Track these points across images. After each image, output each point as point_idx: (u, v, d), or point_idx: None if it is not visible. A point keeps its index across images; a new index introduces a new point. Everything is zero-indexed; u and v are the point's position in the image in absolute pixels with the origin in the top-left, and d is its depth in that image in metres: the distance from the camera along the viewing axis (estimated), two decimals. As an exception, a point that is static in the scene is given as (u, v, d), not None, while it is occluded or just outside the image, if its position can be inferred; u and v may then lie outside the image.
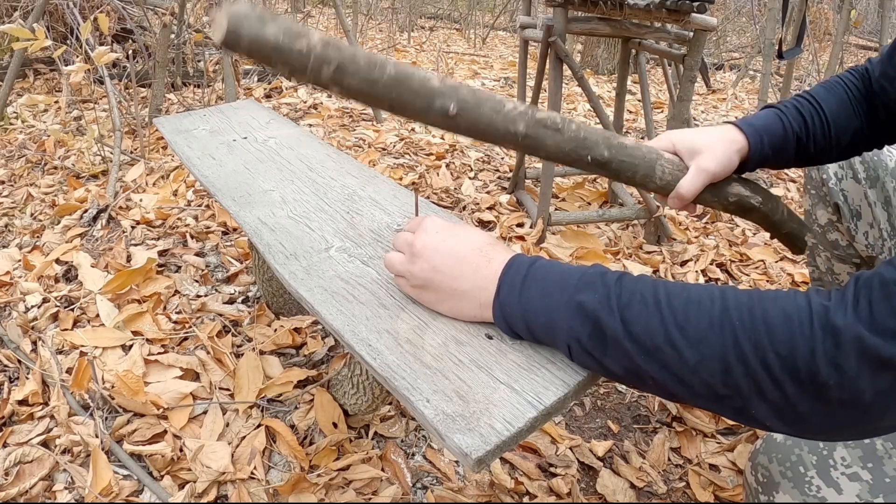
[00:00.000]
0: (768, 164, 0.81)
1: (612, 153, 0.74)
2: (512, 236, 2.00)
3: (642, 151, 0.77)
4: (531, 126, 0.70)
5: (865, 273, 0.49)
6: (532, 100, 2.06)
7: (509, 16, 7.72)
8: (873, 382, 0.45)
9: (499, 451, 0.54)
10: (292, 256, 0.86)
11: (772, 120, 0.81)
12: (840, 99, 0.83)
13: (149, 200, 2.08)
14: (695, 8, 1.67)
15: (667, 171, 0.77)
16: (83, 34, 2.10)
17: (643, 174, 0.77)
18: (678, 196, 0.77)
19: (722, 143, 0.77)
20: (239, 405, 1.24)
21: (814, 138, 0.81)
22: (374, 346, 0.66)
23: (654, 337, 0.52)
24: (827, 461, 0.62)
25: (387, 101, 0.65)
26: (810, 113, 0.81)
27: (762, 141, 0.78)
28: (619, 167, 0.75)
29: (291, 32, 0.59)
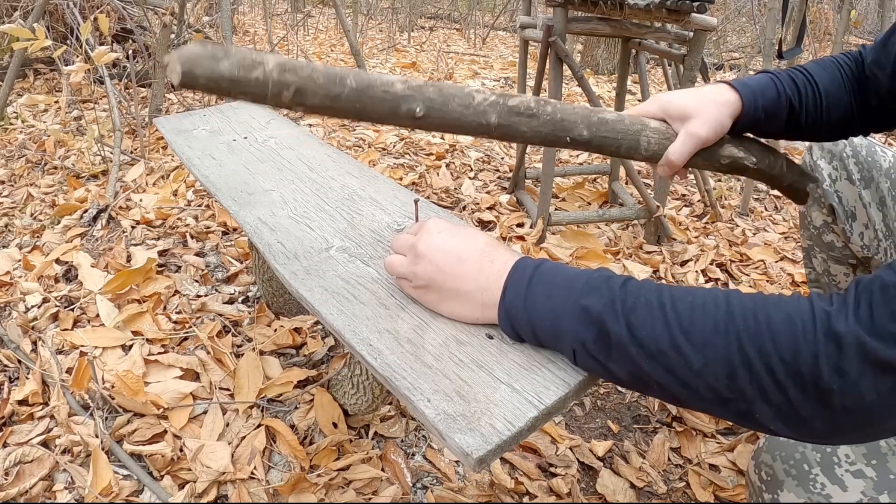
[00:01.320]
0: (759, 127, 0.79)
1: (592, 131, 0.73)
2: (512, 236, 2.00)
3: (625, 124, 0.75)
4: (503, 115, 0.69)
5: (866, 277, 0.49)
6: (532, 100, 2.06)
7: (509, 16, 7.72)
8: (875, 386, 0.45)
9: (500, 450, 0.54)
10: (293, 256, 0.86)
11: (766, 82, 0.79)
12: (833, 76, 0.82)
13: (149, 200, 2.08)
14: (695, 8, 1.67)
15: (652, 142, 0.76)
16: (83, 34, 2.10)
17: (627, 147, 0.75)
18: (667, 163, 0.76)
19: (714, 105, 0.74)
20: (239, 405, 1.24)
21: (805, 108, 0.80)
22: (375, 346, 0.66)
23: (658, 341, 0.52)
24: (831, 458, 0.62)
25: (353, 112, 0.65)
26: (804, 83, 0.80)
27: (755, 102, 0.76)
28: (601, 143, 0.74)
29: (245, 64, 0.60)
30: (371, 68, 4.42)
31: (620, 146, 0.75)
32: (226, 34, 2.56)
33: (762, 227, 2.26)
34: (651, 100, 0.79)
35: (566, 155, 2.89)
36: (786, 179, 0.84)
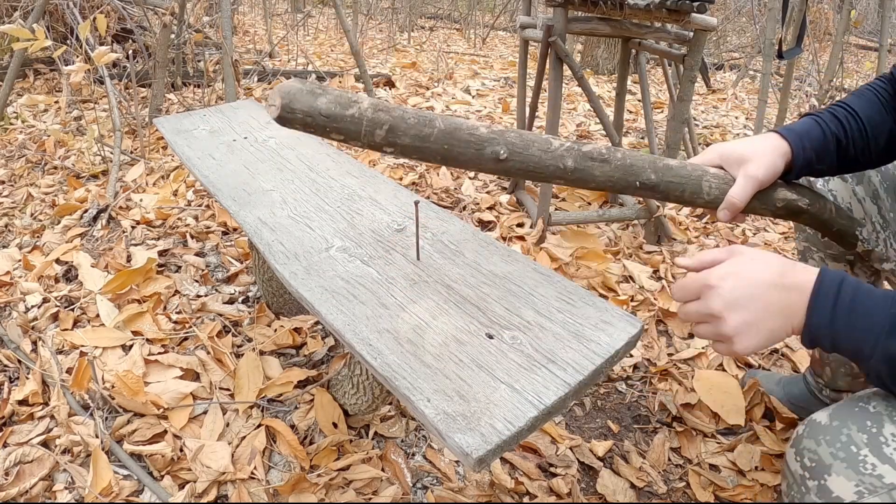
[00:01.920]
0: (812, 168, 0.83)
1: (659, 176, 0.76)
2: (512, 236, 2.00)
3: (687, 170, 0.79)
4: (579, 160, 0.72)
5: None
6: (532, 100, 2.06)
7: (509, 16, 7.72)
8: None
9: (500, 450, 0.54)
10: (292, 256, 0.86)
11: (810, 125, 0.83)
12: (871, 102, 0.86)
13: (149, 200, 2.08)
14: (695, 8, 1.66)
15: (713, 186, 0.79)
16: (83, 34, 2.10)
17: (691, 192, 0.78)
18: (729, 206, 0.79)
19: (767, 150, 0.79)
20: (239, 405, 1.24)
21: (852, 140, 0.83)
22: (375, 346, 0.66)
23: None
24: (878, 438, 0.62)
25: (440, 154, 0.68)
26: (845, 117, 0.84)
27: (804, 145, 0.80)
28: (667, 188, 0.77)
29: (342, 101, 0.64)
30: (371, 68, 4.42)
31: (685, 191, 0.78)
32: (226, 34, 2.56)
33: (762, 227, 2.26)
34: (709, 149, 0.83)
35: (566, 155, 2.88)
36: (836, 224, 0.87)
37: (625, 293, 1.72)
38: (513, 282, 0.80)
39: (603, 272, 1.79)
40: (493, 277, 0.81)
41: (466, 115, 3.41)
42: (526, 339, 0.68)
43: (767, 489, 1.15)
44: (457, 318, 0.71)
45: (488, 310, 0.73)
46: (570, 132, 3.22)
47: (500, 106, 3.64)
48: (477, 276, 0.81)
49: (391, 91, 3.82)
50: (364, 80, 3.13)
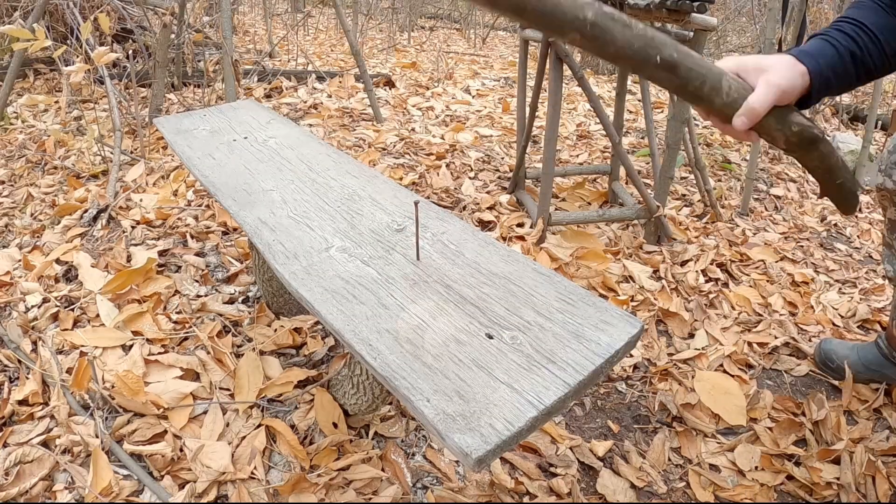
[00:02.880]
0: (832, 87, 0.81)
1: (681, 57, 0.70)
2: (512, 236, 2.00)
3: (708, 64, 0.73)
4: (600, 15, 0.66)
5: None
6: (532, 100, 2.06)
7: (509, 16, 7.70)
8: None
9: (499, 450, 0.54)
10: (292, 256, 0.86)
11: (822, 45, 0.81)
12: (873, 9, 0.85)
13: (149, 200, 2.08)
14: (695, 8, 1.66)
15: (733, 88, 0.74)
16: (83, 34, 2.10)
17: (711, 86, 0.73)
18: (748, 111, 0.74)
19: (786, 64, 0.76)
20: (239, 405, 1.24)
21: (867, 51, 0.81)
22: (375, 346, 0.66)
23: None
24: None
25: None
26: (853, 30, 0.82)
27: (820, 66, 0.78)
28: (688, 74, 0.71)
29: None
30: (371, 68, 4.42)
31: (704, 83, 0.72)
32: (226, 34, 2.56)
33: (762, 227, 2.26)
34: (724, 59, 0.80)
35: (566, 155, 2.89)
36: (840, 174, 0.82)
37: (625, 293, 1.72)
38: (513, 282, 0.80)
39: (603, 272, 1.79)
40: (493, 277, 0.81)
41: (466, 115, 3.41)
42: (526, 340, 0.68)
43: (767, 489, 1.15)
44: (456, 319, 0.71)
45: (488, 310, 0.73)
46: (571, 132, 3.22)
47: (500, 106, 3.64)
48: (477, 276, 0.81)
49: (391, 91, 3.82)
50: (364, 80, 3.13)
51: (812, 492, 1.15)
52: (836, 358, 1.45)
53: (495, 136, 3.05)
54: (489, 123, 3.28)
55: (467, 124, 3.22)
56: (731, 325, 1.64)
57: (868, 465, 1.19)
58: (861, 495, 1.15)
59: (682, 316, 1.63)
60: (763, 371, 1.49)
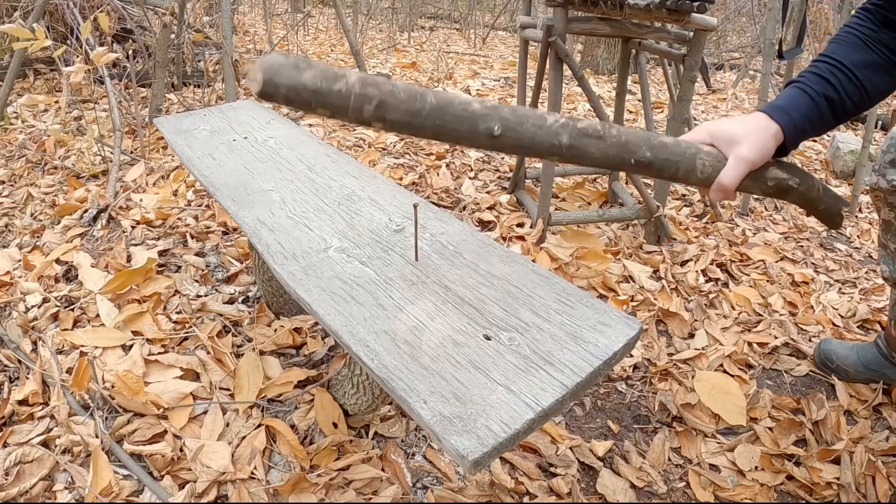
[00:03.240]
0: (809, 134, 0.83)
1: (654, 153, 0.75)
2: (512, 236, 2.00)
3: (682, 147, 0.78)
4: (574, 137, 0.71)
5: None
6: (532, 100, 2.06)
7: (509, 16, 7.72)
8: None
9: (496, 452, 0.54)
10: (291, 256, 0.86)
11: (795, 94, 0.83)
12: (853, 44, 0.85)
13: (149, 200, 2.08)
14: (695, 8, 1.66)
15: (707, 164, 0.79)
16: (83, 34, 2.10)
17: (685, 170, 0.78)
18: (720, 188, 0.79)
19: (757, 131, 0.79)
20: (239, 405, 1.24)
21: (845, 92, 0.83)
22: (372, 347, 0.66)
23: None
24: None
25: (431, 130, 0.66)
26: (830, 72, 0.83)
27: (792, 118, 0.81)
28: (662, 166, 0.77)
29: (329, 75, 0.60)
30: (371, 68, 4.42)
31: (679, 168, 0.78)
32: (226, 34, 2.56)
33: (762, 227, 2.26)
34: (698, 128, 0.83)
35: (566, 154, 2.88)
36: (823, 202, 0.88)
37: (625, 293, 1.72)
38: (511, 283, 0.80)
39: (603, 272, 1.79)
40: (492, 278, 0.81)
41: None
42: (523, 341, 0.68)
43: (767, 489, 1.15)
44: (454, 320, 0.71)
45: (486, 311, 0.73)
46: (571, 132, 3.22)
47: (501, 105, 3.63)
48: (475, 277, 0.81)
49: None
50: (364, 80, 3.13)
51: (812, 492, 1.15)
52: (835, 358, 1.45)
53: (495, 135, 3.05)
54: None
55: (467, 124, 3.21)
56: (731, 325, 1.64)
57: (868, 465, 1.19)
58: (861, 495, 1.15)
59: (682, 316, 1.63)
60: (763, 371, 1.49)
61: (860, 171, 2.47)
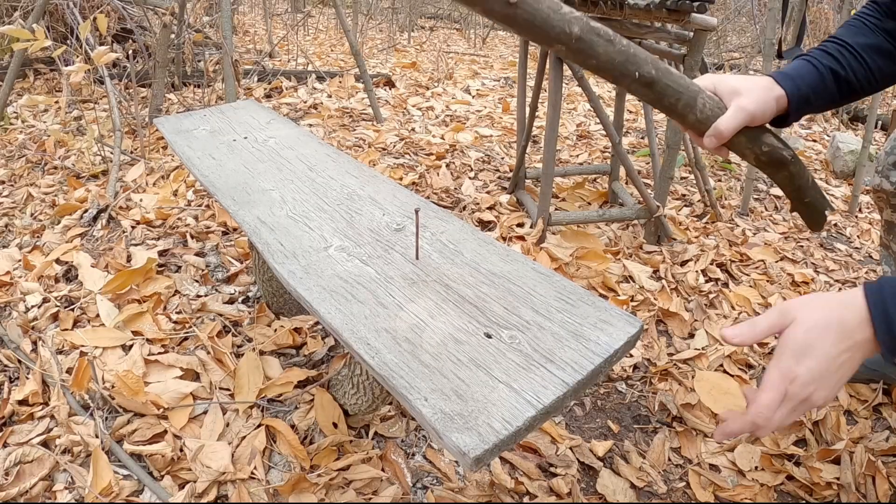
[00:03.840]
0: (812, 106, 0.83)
1: (659, 74, 0.74)
2: (512, 236, 2.00)
3: (686, 81, 0.76)
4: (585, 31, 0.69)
5: None
6: (532, 100, 2.06)
7: (509, 16, 7.70)
8: None
9: (497, 450, 0.54)
10: (291, 255, 0.86)
11: (801, 65, 0.83)
12: (859, 28, 0.87)
13: (149, 200, 2.08)
14: (695, 8, 1.66)
15: (707, 106, 0.77)
16: (83, 34, 2.10)
17: (685, 103, 0.76)
18: (716, 133, 0.77)
19: (761, 87, 0.78)
20: (239, 405, 1.24)
21: (851, 70, 0.84)
22: (373, 345, 0.66)
23: None
24: None
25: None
26: (837, 50, 0.84)
27: (798, 85, 0.80)
28: (664, 90, 0.75)
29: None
30: (371, 68, 4.42)
31: (680, 99, 0.76)
32: (226, 34, 2.56)
33: (762, 227, 2.26)
34: (703, 77, 0.82)
35: (566, 155, 2.88)
36: (809, 194, 0.86)
37: (625, 293, 1.72)
38: (512, 281, 0.80)
39: (603, 272, 1.79)
40: (492, 277, 0.81)
41: (466, 115, 3.41)
42: (524, 339, 0.68)
43: (767, 489, 1.15)
44: (455, 318, 0.71)
45: (487, 309, 0.73)
46: (571, 132, 3.22)
47: (500, 106, 3.64)
48: (476, 275, 0.81)
49: (391, 91, 3.82)
50: (364, 80, 3.13)
51: (812, 492, 1.15)
52: None
53: (495, 136, 3.05)
54: (489, 123, 3.28)
55: (467, 124, 3.22)
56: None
57: (868, 465, 1.19)
58: (861, 495, 1.15)
59: (682, 316, 1.63)
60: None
61: (860, 171, 2.47)
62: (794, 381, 0.64)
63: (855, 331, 0.63)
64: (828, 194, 2.65)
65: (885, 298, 0.61)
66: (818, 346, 0.63)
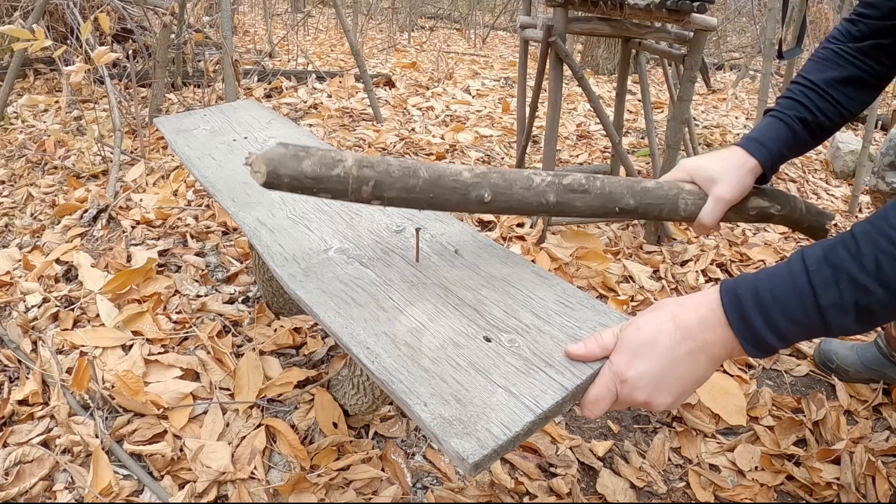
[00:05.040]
0: (788, 158, 0.87)
1: (638, 200, 0.80)
2: (512, 236, 2.00)
3: (664, 190, 0.82)
4: (560, 194, 0.75)
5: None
6: (532, 100, 2.06)
7: (509, 16, 7.72)
8: None
9: (496, 455, 0.54)
10: (291, 258, 0.86)
11: (770, 124, 0.87)
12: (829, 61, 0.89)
13: (149, 200, 2.08)
14: (695, 8, 1.66)
15: (689, 203, 0.83)
16: (83, 34, 2.10)
17: (668, 210, 0.82)
18: (700, 226, 0.84)
19: (735, 169, 0.83)
20: (239, 405, 1.24)
21: (820, 112, 0.86)
22: (372, 349, 0.66)
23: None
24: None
25: (426, 202, 0.70)
26: (803, 93, 0.87)
27: (769, 150, 0.85)
28: (645, 210, 0.81)
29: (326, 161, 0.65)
30: (371, 68, 4.42)
31: (662, 210, 0.82)
32: (226, 34, 2.56)
33: (762, 227, 2.26)
34: (678, 167, 0.87)
35: (566, 155, 2.88)
36: (806, 221, 0.91)
37: (625, 293, 1.72)
38: (511, 284, 0.80)
39: (603, 272, 1.79)
40: (492, 280, 0.81)
41: (466, 115, 3.40)
42: (524, 343, 0.68)
43: (767, 489, 1.15)
44: (454, 321, 0.71)
45: (486, 312, 0.73)
46: (571, 132, 3.22)
47: (500, 106, 3.63)
48: (475, 278, 0.81)
49: (391, 91, 3.82)
50: (364, 80, 3.13)
51: (812, 492, 1.15)
52: (835, 358, 1.45)
53: (495, 136, 3.05)
54: (489, 123, 3.28)
55: (467, 124, 3.22)
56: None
57: (868, 465, 1.19)
58: (861, 495, 1.15)
59: (681, 316, 1.63)
60: (763, 371, 1.49)
61: (860, 171, 2.47)
62: (624, 383, 0.62)
63: (696, 330, 0.60)
64: (828, 194, 2.66)
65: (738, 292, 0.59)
66: (650, 346, 0.61)
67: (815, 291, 0.55)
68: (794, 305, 0.56)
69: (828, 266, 0.55)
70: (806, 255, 0.58)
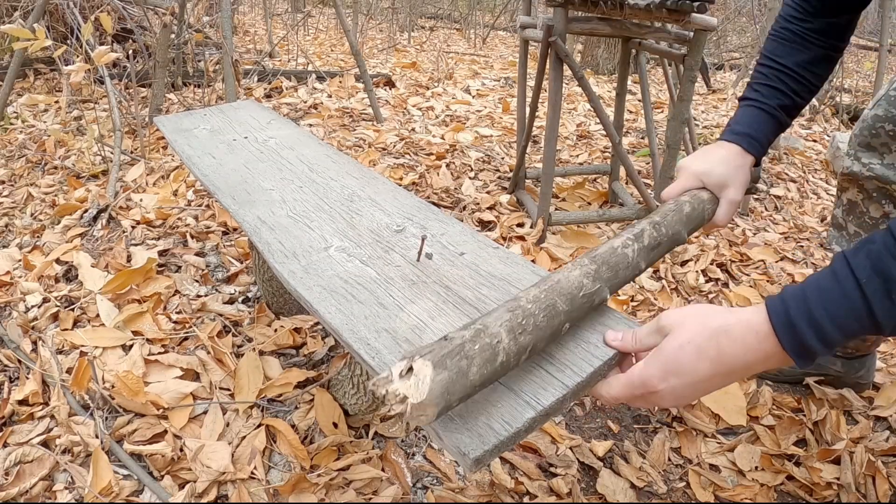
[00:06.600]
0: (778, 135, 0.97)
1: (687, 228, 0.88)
2: (512, 236, 2.00)
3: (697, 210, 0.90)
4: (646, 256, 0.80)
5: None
6: (532, 100, 2.06)
7: (509, 16, 7.72)
8: None
9: (497, 451, 0.54)
10: (291, 255, 0.86)
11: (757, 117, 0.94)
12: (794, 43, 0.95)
13: (149, 200, 2.08)
14: (695, 8, 1.66)
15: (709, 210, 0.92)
16: (83, 34, 2.10)
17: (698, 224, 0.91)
18: (713, 226, 0.96)
19: (740, 170, 0.92)
20: (239, 405, 1.24)
21: (795, 94, 0.95)
22: (373, 346, 0.66)
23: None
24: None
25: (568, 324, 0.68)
26: (778, 78, 0.94)
27: (762, 143, 0.94)
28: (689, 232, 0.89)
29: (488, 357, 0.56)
30: (371, 68, 4.42)
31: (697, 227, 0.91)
32: (226, 34, 2.56)
33: (762, 227, 2.26)
34: (685, 173, 0.94)
35: (566, 155, 2.89)
36: None
37: (625, 293, 1.72)
38: (511, 283, 0.80)
39: (603, 272, 1.79)
40: (492, 279, 0.81)
41: (466, 115, 3.41)
42: (525, 340, 0.67)
43: (767, 489, 1.15)
44: (455, 319, 0.71)
45: (487, 311, 0.73)
46: (571, 132, 3.22)
47: (501, 106, 3.64)
48: (476, 277, 0.82)
49: (391, 91, 3.82)
50: (364, 80, 3.13)
51: (812, 492, 1.15)
52: None
53: (495, 136, 3.06)
54: (489, 123, 3.28)
55: (467, 124, 3.22)
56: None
57: (868, 465, 1.19)
58: (861, 495, 1.15)
59: (681, 316, 1.63)
60: (762, 371, 1.49)
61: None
62: (653, 393, 0.62)
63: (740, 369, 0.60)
64: (828, 194, 2.66)
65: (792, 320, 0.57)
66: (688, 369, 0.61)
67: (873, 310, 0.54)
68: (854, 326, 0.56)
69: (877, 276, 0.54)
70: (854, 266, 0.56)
